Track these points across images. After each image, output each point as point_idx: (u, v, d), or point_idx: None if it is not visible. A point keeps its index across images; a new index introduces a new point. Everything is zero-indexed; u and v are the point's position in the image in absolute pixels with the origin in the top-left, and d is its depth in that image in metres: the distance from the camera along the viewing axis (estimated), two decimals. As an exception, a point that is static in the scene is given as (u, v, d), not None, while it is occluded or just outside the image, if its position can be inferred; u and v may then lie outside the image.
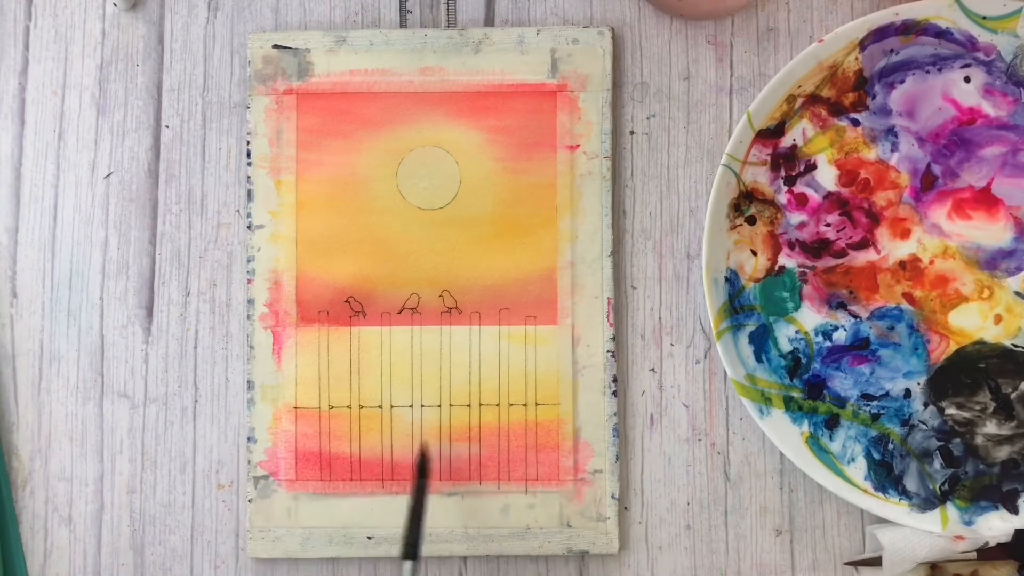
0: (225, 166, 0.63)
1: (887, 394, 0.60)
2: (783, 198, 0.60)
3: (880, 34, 0.59)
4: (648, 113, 0.62)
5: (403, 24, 0.63)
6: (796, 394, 0.60)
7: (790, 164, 0.60)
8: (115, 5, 0.63)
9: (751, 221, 0.60)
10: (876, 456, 0.59)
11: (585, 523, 0.60)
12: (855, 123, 0.60)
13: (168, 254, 0.62)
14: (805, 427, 0.59)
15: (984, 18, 0.59)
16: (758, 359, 0.60)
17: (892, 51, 0.59)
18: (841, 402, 0.60)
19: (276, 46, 0.62)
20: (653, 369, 0.61)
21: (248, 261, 0.61)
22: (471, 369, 0.60)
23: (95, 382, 0.62)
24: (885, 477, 0.59)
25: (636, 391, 0.61)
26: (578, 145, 0.61)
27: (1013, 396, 0.59)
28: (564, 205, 0.61)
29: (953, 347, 0.60)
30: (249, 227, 0.61)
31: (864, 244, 0.60)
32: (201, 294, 0.62)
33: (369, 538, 0.60)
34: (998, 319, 0.60)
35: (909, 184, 0.60)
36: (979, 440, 0.59)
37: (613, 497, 0.60)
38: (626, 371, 0.61)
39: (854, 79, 0.60)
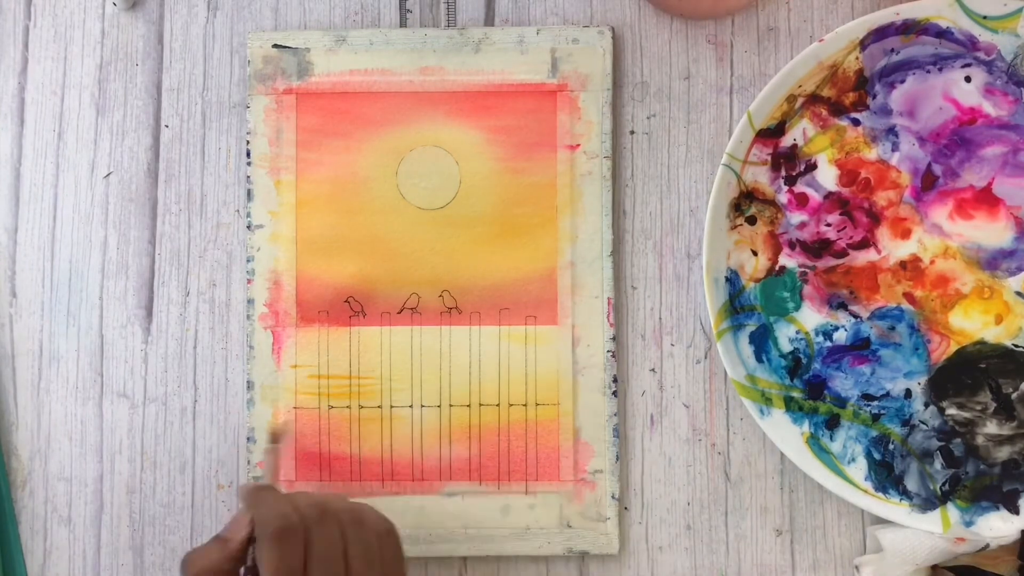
0: (225, 166, 0.63)
1: (888, 394, 0.60)
2: (783, 198, 0.60)
3: (880, 34, 0.59)
4: (648, 113, 0.62)
5: (403, 24, 0.63)
6: (796, 394, 0.60)
7: (790, 164, 0.60)
8: (115, 5, 0.63)
9: (751, 221, 0.60)
10: (877, 456, 0.59)
11: (585, 523, 0.60)
12: (855, 123, 0.60)
13: (168, 254, 0.62)
14: (806, 427, 0.59)
15: (985, 18, 0.59)
16: (758, 359, 0.60)
17: (892, 51, 0.59)
18: (842, 402, 0.60)
19: (276, 46, 0.62)
20: (653, 369, 0.61)
21: (248, 261, 0.61)
22: (471, 369, 0.60)
23: (95, 382, 0.62)
24: (886, 477, 0.59)
25: (636, 391, 0.61)
26: (578, 145, 0.61)
27: (1014, 396, 0.59)
28: (564, 205, 0.61)
29: (954, 347, 0.60)
30: (249, 227, 0.61)
31: (865, 244, 0.60)
32: (201, 294, 0.62)
33: (369, 538, 0.60)
34: (999, 319, 0.60)
35: (910, 184, 0.60)
36: (980, 440, 0.59)
37: (613, 497, 0.60)
38: (626, 371, 0.61)
39: (854, 79, 0.60)
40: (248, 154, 0.61)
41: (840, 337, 0.60)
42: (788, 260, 0.60)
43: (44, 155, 0.63)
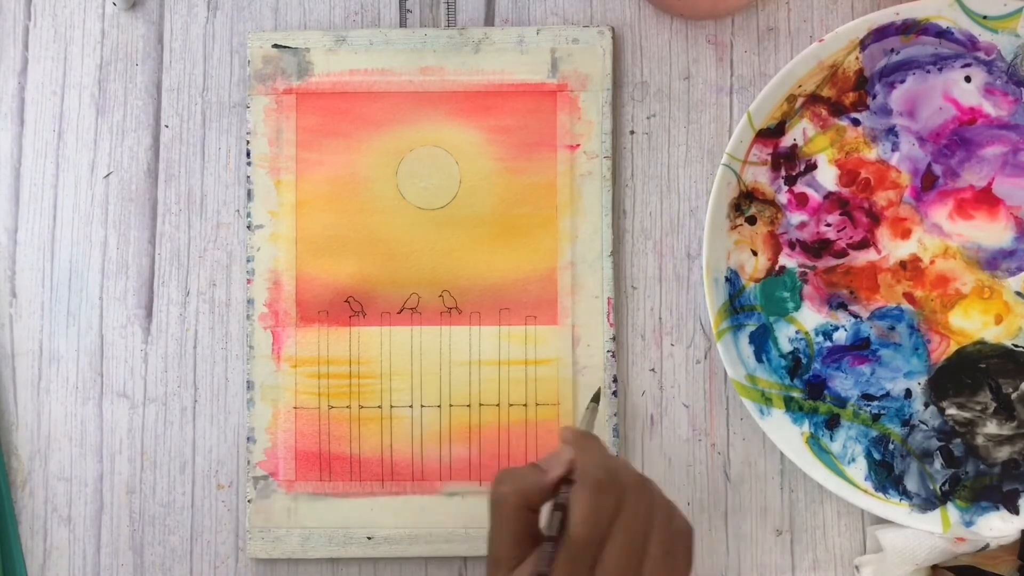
0: (225, 166, 0.63)
1: (888, 394, 0.60)
2: (783, 198, 0.60)
3: (880, 33, 0.59)
4: (648, 113, 0.62)
5: (403, 24, 0.63)
6: (796, 394, 0.60)
7: (790, 164, 0.60)
8: (114, 5, 0.63)
9: (751, 221, 0.60)
10: (877, 456, 0.59)
11: (585, 523, 0.60)
12: (855, 123, 0.60)
13: (168, 254, 0.62)
14: (806, 427, 0.59)
15: (985, 17, 0.59)
16: (758, 359, 0.60)
17: (892, 51, 0.59)
18: (841, 402, 0.60)
19: (276, 46, 0.62)
20: (653, 369, 0.61)
21: (248, 261, 0.61)
22: (471, 369, 0.60)
23: (95, 382, 0.62)
24: (886, 477, 0.59)
25: (636, 391, 0.61)
26: (578, 145, 0.61)
27: (1014, 396, 0.59)
28: (564, 205, 0.61)
29: (954, 347, 0.60)
30: (249, 227, 0.61)
31: (865, 244, 0.60)
32: (200, 294, 0.62)
33: (369, 538, 0.60)
34: (999, 319, 0.60)
35: (910, 184, 0.60)
36: (980, 440, 0.59)
37: (613, 497, 0.60)
38: (626, 371, 0.61)
39: (854, 79, 0.60)
40: (248, 154, 0.61)
41: (840, 337, 0.60)
42: (788, 260, 0.60)
43: (44, 155, 0.63)
